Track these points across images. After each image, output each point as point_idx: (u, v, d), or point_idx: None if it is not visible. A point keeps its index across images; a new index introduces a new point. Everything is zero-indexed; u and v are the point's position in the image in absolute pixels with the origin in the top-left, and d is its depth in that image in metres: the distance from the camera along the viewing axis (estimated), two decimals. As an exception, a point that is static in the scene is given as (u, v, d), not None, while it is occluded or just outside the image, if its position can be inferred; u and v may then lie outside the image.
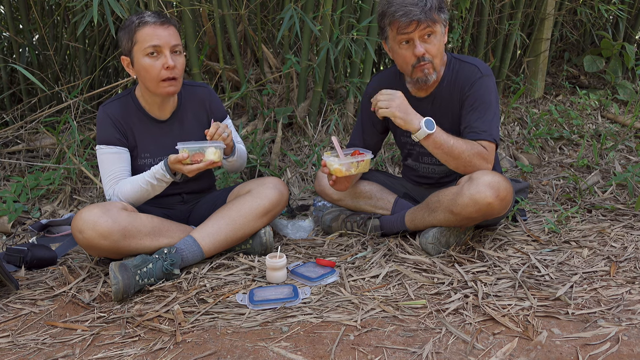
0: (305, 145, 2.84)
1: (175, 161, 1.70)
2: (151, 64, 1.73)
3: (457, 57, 1.90)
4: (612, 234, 1.97)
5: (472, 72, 1.83)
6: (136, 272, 1.63)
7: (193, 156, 1.70)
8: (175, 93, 1.82)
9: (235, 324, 1.45)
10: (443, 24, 1.78)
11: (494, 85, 1.84)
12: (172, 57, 1.74)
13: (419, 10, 1.70)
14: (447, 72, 1.87)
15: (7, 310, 1.61)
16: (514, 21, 3.37)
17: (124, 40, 1.76)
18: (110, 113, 1.85)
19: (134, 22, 1.73)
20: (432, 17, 1.72)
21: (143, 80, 1.79)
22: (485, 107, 1.80)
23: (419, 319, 1.45)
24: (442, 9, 1.77)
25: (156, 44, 1.72)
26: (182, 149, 1.69)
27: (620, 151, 3.02)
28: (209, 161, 1.70)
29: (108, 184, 1.83)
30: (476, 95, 1.81)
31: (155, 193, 1.83)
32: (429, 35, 1.76)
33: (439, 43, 1.78)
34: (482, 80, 1.81)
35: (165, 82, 1.76)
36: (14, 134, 2.86)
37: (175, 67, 1.75)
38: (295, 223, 2.22)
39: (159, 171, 1.76)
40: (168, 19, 1.76)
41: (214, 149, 1.71)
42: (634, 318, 1.40)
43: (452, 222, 1.80)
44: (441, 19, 1.76)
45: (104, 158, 1.84)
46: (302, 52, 2.69)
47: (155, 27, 1.72)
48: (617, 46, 3.77)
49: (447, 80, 1.87)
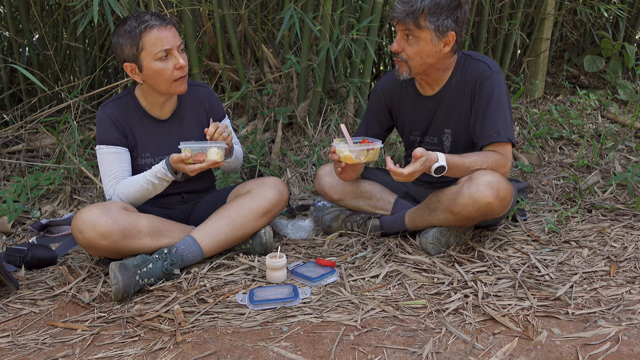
0: (305, 145, 2.84)
1: (177, 160, 1.70)
2: (163, 67, 1.73)
3: (467, 54, 1.86)
4: (612, 234, 1.97)
5: (482, 69, 1.80)
6: (136, 272, 1.63)
7: (195, 156, 1.70)
8: (185, 90, 1.83)
9: (235, 324, 1.45)
10: (435, 32, 1.69)
11: (504, 82, 1.81)
12: (180, 56, 1.75)
13: (402, 9, 1.68)
14: (456, 70, 1.84)
15: (7, 310, 1.61)
16: (514, 21, 3.37)
17: (127, 47, 1.72)
18: (109, 113, 1.85)
19: (136, 27, 1.69)
20: (415, 21, 1.68)
21: (154, 83, 1.77)
22: (496, 106, 1.77)
23: (419, 319, 1.45)
24: (438, 16, 1.67)
25: (167, 47, 1.71)
26: (185, 148, 1.70)
27: (620, 151, 3.02)
28: (211, 161, 1.71)
29: (108, 184, 1.83)
30: (487, 94, 1.78)
31: (156, 192, 1.83)
32: (407, 37, 1.73)
33: (419, 48, 1.72)
34: (493, 78, 1.78)
35: (177, 81, 1.77)
36: (14, 134, 2.86)
37: (185, 64, 1.76)
38: (295, 223, 2.22)
39: (161, 170, 1.76)
40: (169, 19, 1.76)
41: (216, 149, 1.71)
42: (634, 318, 1.40)
43: (452, 221, 1.80)
44: (431, 26, 1.68)
45: (103, 158, 1.84)
46: (302, 52, 2.69)
47: (161, 30, 1.71)
48: (617, 46, 3.77)
49: (456, 79, 1.84)
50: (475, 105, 1.81)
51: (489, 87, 1.78)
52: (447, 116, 1.86)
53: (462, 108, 1.85)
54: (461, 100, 1.84)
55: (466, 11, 1.73)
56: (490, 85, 1.78)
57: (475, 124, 1.82)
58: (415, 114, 1.96)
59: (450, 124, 1.88)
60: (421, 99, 1.89)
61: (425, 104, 1.85)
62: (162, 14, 1.80)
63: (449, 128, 1.90)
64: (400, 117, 2.03)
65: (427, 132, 1.96)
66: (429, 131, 1.96)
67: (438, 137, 1.94)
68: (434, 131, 1.94)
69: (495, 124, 1.77)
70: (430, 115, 1.92)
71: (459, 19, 1.71)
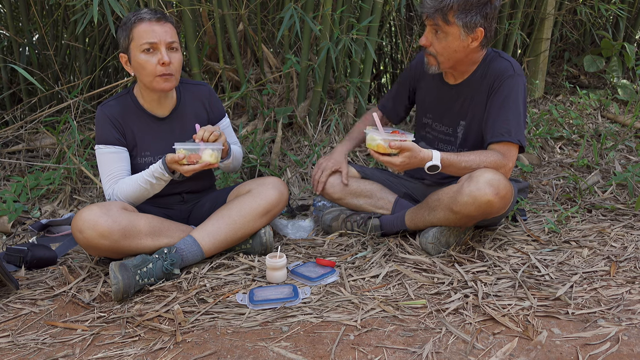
0: (305, 145, 2.84)
1: (171, 161, 1.70)
2: (147, 59, 1.73)
3: (496, 52, 1.87)
4: (612, 233, 1.97)
5: (505, 67, 1.80)
6: (136, 272, 1.63)
7: (189, 157, 1.70)
8: (170, 89, 1.81)
9: (235, 324, 1.45)
10: (464, 28, 1.70)
11: (524, 86, 1.80)
12: (167, 54, 1.74)
13: (432, 4, 1.69)
14: (482, 64, 1.85)
15: (7, 310, 1.61)
16: (514, 21, 3.36)
17: (122, 38, 1.77)
18: (108, 113, 1.85)
19: (131, 19, 1.74)
20: (443, 17, 1.69)
21: (140, 76, 1.79)
22: (511, 106, 1.77)
23: (419, 318, 1.45)
24: (467, 12, 1.68)
25: (152, 40, 1.72)
26: (179, 149, 1.69)
27: (620, 151, 3.02)
28: (204, 163, 1.71)
29: (107, 183, 1.83)
30: (504, 92, 1.77)
31: (155, 192, 1.83)
32: (436, 32, 1.75)
33: (447, 43, 1.75)
34: (513, 79, 1.78)
35: (160, 77, 1.76)
36: (14, 134, 2.86)
37: (171, 63, 1.75)
38: (295, 223, 2.22)
39: (158, 170, 1.76)
40: (164, 15, 1.77)
41: (210, 151, 1.71)
42: (634, 318, 1.40)
43: (452, 220, 1.80)
44: (459, 22, 1.69)
45: (103, 158, 1.84)
46: (302, 52, 2.69)
47: (151, 24, 1.72)
48: (617, 46, 3.77)
49: (480, 72, 1.85)
50: (491, 102, 1.81)
51: (508, 86, 1.77)
52: (464, 108, 1.87)
53: (479, 102, 1.86)
54: (480, 94, 1.85)
55: (496, 7, 1.73)
56: (510, 85, 1.77)
57: (487, 119, 1.82)
58: (434, 98, 1.99)
59: (466, 116, 1.88)
60: (444, 86, 1.92)
61: (448, 91, 1.87)
62: (161, 11, 1.81)
63: (464, 120, 1.91)
64: (420, 96, 2.06)
65: (440, 119, 1.98)
66: (443, 119, 1.97)
67: (453, 127, 1.95)
68: (450, 121, 1.95)
69: (508, 124, 1.76)
70: (449, 103, 1.94)
71: (488, 15, 1.71)
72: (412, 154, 1.66)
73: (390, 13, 3.44)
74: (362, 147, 2.90)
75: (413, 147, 1.66)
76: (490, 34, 1.76)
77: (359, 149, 2.87)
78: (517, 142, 1.76)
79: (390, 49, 4.14)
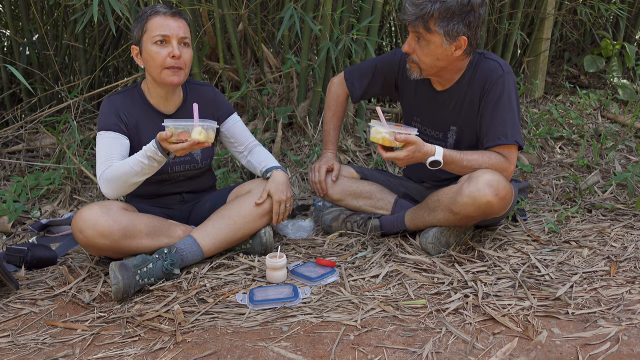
0: (305, 145, 2.84)
1: (161, 139, 1.61)
2: (157, 51, 1.74)
3: (481, 53, 1.84)
4: (612, 233, 1.97)
5: (494, 68, 1.78)
6: (136, 272, 1.63)
7: (178, 135, 1.59)
8: (178, 84, 1.80)
9: (235, 324, 1.45)
10: (445, 37, 1.67)
11: (514, 84, 1.79)
12: (179, 48, 1.75)
13: (413, 11, 1.67)
14: (469, 69, 1.83)
15: (7, 310, 1.61)
16: (514, 21, 3.36)
17: (136, 30, 1.78)
18: (114, 103, 1.84)
19: (147, 12, 1.76)
20: (424, 25, 1.66)
21: (149, 68, 1.79)
22: (505, 107, 1.76)
23: (419, 318, 1.45)
24: (449, 21, 1.64)
25: (165, 33, 1.73)
26: (169, 126, 1.59)
27: (620, 151, 3.02)
28: (193, 141, 1.58)
29: (101, 166, 1.76)
30: (497, 93, 1.76)
31: (145, 176, 1.73)
32: (418, 39, 1.73)
33: (429, 51, 1.71)
34: (503, 78, 1.76)
35: (169, 69, 1.75)
36: (14, 134, 2.86)
37: (181, 57, 1.76)
38: (295, 223, 2.22)
39: (150, 148, 1.66)
40: (179, 12, 1.78)
41: (200, 129, 1.59)
42: (634, 318, 1.40)
43: (452, 221, 1.80)
44: (440, 31, 1.66)
45: (102, 142, 1.79)
46: (302, 52, 2.69)
47: (166, 18, 1.74)
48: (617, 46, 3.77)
49: (468, 77, 1.83)
50: (484, 105, 1.79)
51: (499, 87, 1.76)
52: (455, 113, 1.86)
53: (471, 106, 1.84)
54: (471, 98, 1.83)
55: (480, 15, 1.68)
56: (501, 85, 1.76)
57: (482, 124, 1.80)
58: (422, 102, 1.96)
59: (457, 121, 1.87)
60: (432, 93, 1.89)
61: (435, 97, 1.85)
62: (176, 7, 1.82)
63: (455, 125, 1.90)
64: (406, 98, 2.02)
65: (429, 124, 1.96)
66: (432, 124, 1.95)
67: (443, 132, 1.94)
68: (440, 126, 1.94)
69: (503, 126, 1.75)
70: (437, 109, 1.92)
71: (471, 24, 1.67)
72: (416, 147, 1.66)
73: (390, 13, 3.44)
74: (363, 147, 2.90)
75: (417, 141, 1.65)
76: (475, 42, 1.72)
77: (359, 149, 2.87)
78: (514, 143, 1.76)
79: (390, 49, 4.14)
